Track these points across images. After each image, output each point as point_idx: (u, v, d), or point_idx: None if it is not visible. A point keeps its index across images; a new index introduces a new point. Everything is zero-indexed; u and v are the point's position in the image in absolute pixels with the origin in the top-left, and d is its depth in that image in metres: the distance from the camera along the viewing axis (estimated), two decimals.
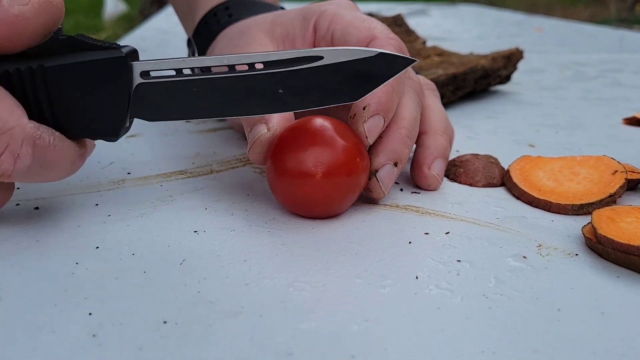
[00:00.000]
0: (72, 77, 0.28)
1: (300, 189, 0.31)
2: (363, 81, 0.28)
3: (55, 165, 0.28)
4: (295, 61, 0.28)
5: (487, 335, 0.23)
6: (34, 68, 0.27)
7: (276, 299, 0.25)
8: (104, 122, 0.29)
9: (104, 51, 0.28)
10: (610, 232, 0.28)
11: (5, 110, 0.26)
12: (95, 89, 0.28)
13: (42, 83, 0.27)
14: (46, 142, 0.27)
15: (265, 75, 0.28)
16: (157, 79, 0.28)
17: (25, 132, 0.26)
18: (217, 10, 0.43)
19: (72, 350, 0.21)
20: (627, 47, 0.99)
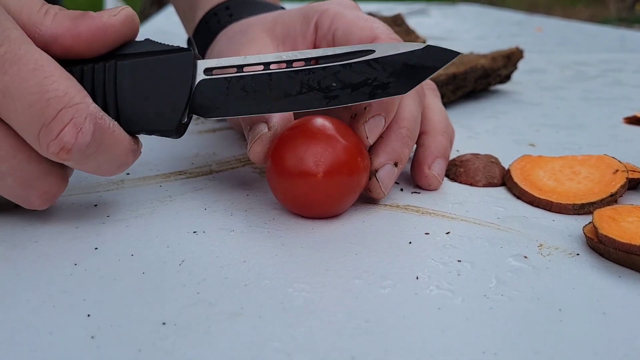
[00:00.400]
0: (141, 72, 0.29)
1: (301, 188, 0.31)
2: (412, 73, 0.29)
3: (110, 151, 0.28)
4: (349, 55, 0.29)
5: (488, 336, 0.23)
6: (107, 65, 0.29)
7: (276, 300, 0.25)
8: (163, 117, 0.30)
9: (172, 50, 0.30)
10: (612, 231, 0.28)
11: (72, 88, 0.27)
12: (160, 83, 0.29)
13: (112, 77, 0.29)
14: (107, 124, 0.28)
15: (320, 70, 0.30)
16: (219, 75, 0.30)
17: (89, 109, 0.27)
18: (218, 10, 0.43)
19: (70, 351, 0.21)
20: (628, 47, 0.99)
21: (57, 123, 0.26)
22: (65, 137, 0.26)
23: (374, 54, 0.29)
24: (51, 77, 0.26)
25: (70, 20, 0.28)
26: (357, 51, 0.30)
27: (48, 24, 0.28)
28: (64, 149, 0.26)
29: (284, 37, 0.37)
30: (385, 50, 0.29)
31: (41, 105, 0.26)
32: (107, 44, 0.29)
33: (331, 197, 0.31)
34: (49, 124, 0.26)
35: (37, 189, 0.28)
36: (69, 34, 0.28)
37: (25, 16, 0.28)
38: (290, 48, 0.37)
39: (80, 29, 0.28)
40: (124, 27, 0.29)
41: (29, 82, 0.26)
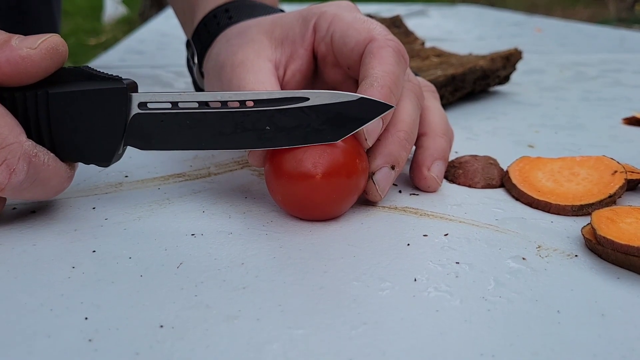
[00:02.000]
0: (74, 104, 0.29)
1: (300, 190, 0.31)
2: (345, 122, 0.30)
3: (46, 184, 0.29)
4: (283, 101, 0.30)
5: (487, 338, 0.23)
6: (39, 93, 0.29)
7: (274, 302, 0.24)
8: (98, 148, 0.30)
9: (106, 82, 0.29)
10: (610, 233, 0.28)
11: (5, 127, 0.27)
12: (95, 116, 0.30)
13: (44, 107, 0.29)
14: (41, 160, 0.28)
15: (254, 113, 0.30)
16: (153, 110, 0.30)
17: (23, 149, 0.28)
18: (217, 12, 0.43)
19: (67, 355, 0.21)
20: (627, 47, 0.99)
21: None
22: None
23: (308, 101, 0.30)
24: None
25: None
26: (292, 97, 0.30)
27: None
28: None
29: (282, 39, 0.37)
30: (320, 99, 0.30)
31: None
32: (28, 77, 0.28)
33: (330, 199, 0.31)
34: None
35: None
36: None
37: None
38: (289, 50, 0.37)
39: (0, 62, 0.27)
40: (45, 60, 0.28)
41: None
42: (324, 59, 0.37)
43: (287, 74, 0.37)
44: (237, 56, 0.36)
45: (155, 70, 0.74)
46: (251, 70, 0.35)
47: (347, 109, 0.30)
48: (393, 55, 0.33)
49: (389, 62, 0.33)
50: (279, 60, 0.37)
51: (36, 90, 0.29)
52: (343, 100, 0.30)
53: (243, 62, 0.35)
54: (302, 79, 0.37)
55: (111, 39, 3.75)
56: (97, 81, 0.29)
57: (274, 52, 0.37)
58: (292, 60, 0.37)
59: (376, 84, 0.32)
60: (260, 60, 0.35)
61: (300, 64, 0.37)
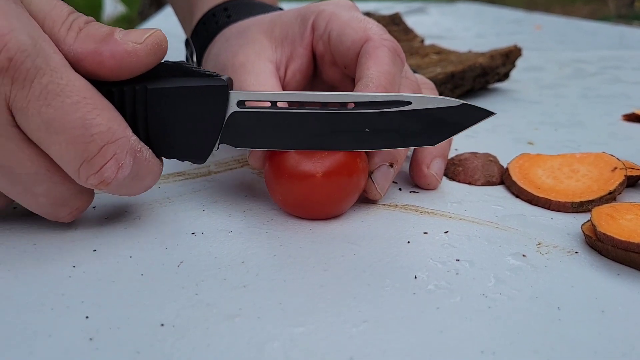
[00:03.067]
0: (174, 100, 0.29)
1: (300, 189, 0.31)
2: (444, 128, 0.30)
3: (143, 180, 0.29)
4: (385, 104, 0.29)
5: (487, 335, 0.23)
6: (137, 89, 0.28)
7: (274, 300, 0.25)
8: (194, 145, 0.30)
9: (207, 78, 0.29)
10: (610, 229, 0.28)
11: (114, 121, 0.27)
12: (193, 113, 0.29)
13: (142, 103, 0.28)
14: (144, 156, 0.28)
15: (354, 115, 0.30)
16: (251, 109, 0.30)
17: (130, 143, 0.27)
18: (216, 11, 0.43)
19: (68, 354, 0.21)
20: (627, 44, 0.99)
21: (99, 159, 0.26)
22: (106, 173, 0.27)
23: (410, 105, 0.30)
24: (94, 110, 0.26)
25: (94, 42, 0.27)
26: (394, 101, 0.30)
27: (70, 42, 0.27)
28: (103, 182, 0.27)
29: (282, 38, 0.37)
30: (423, 103, 0.30)
31: (84, 141, 0.26)
32: (131, 72, 0.28)
33: (330, 198, 0.31)
34: (91, 159, 0.26)
35: (68, 206, 0.29)
36: (91, 59, 0.27)
37: (48, 27, 0.27)
38: (289, 49, 0.37)
39: (104, 56, 0.27)
40: (149, 56, 0.27)
41: (72, 116, 0.25)
42: (322, 57, 0.37)
43: (287, 74, 0.37)
44: (238, 58, 0.36)
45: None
46: (252, 71, 0.34)
47: (449, 114, 0.30)
48: (389, 55, 0.33)
49: (385, 62, 0.33)
50: (279, 60, 0.36)
51: (134, 85, 0.28)
52: (446, 106, 0.30)
53: (244, 64, 0.35)
54: (302, 78, 0.37)
55: None
56: (197, 78, 0.29)
57: (274, 52, 0.37)
58: (292, 60, 0.37)
59: (371, 85, 0.32)
60: (261, 62, 0.35)
61: (300, 63, 0.37)
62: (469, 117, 0.30)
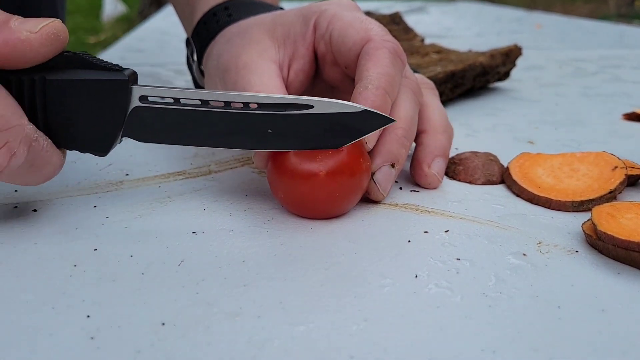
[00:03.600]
0: (73, 93, 0.29)
1: (303, 188, 0.31)
2: (346, 132, 0.30)
3: (40, 170, 0.29)
4: (287, 106, 0.30)
5: (487, 334, 0.23)
6: (36, 79, 0.28)
7: (275, 299, 0.25)
8: (96, 138, 0.30)
9: (108, 72, 0.29)
10: (611, 228, 0.28)
11: (7, 108, 0.26)
12: (94, 106, 0.29)
13: (41, 93, 0.28)
14: (41, 145, 0.28)
15: (257, 115, 0.30)
16: (154, 104, 0.30)
17: (25, 132, 0.27)
18: (217, 10, 0.43)
19: (70, 353, 0.21)
20: (627, 43, 0.99)
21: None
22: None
23: (312, 109, 0.30)
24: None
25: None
26: (296, 104, 0.30)
27: None
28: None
29: (284, 38, 0.37)
30: (324, 107, 0.30)
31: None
32: (25, 61, 0.27)
33: (334, 197, 0.31)
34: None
35: None
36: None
37: None
38: (291, 49, 0.37)
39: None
40: (44, 46, 0.27)
41: None
42: (323, 57, 0.37)
43: (290, 74, 0.37)
44: (241, 58, 0.36)
45: (155, 68, 0.74)
46: (256, 72, 0.34)
47: (350, 119, 0.30)
48: (389, 56, 0.33)
49: (384, 64, 0.33)
50: (282, 60, 0.36)
51: (33, 76, 0.28)
52: (347, 111, 0.30)
53: (247, 65, 0.35)
54: (305, 78, 0.37)
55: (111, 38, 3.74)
56: (98, 71, 0.29)
57: (277, 52, 0.37)
58: (294, 60, 0.37)
59: (371, 86, 0.32)
60: (264, 62, 0.35)
61: (303, 63, 0.37)
62: (371, 122, 0.30)
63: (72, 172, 0.38)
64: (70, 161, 0.39)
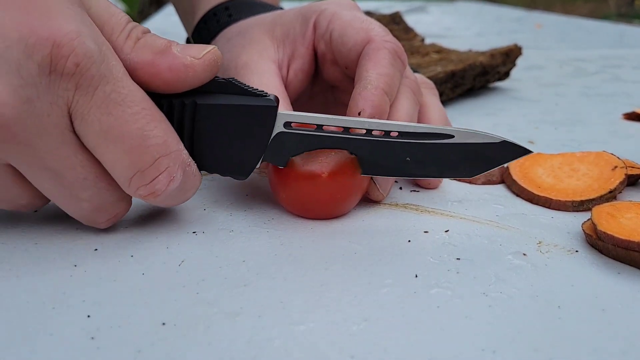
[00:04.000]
0: (221, 117, 0.29)
1: (305, 189, 0.31)
2: (482, 162, 0.31)
3: (186, 193, 0.29)
4: (428, 135, 0.30)
5: (487, 333, 0.23)
6: (186, 103, 0.28)
7: (275, 299, 0.25)
8: (238, 162, 0.30)
9: (257, 98, 0.29)
10: (611, 228, 0.28)
11: (170, 134, 0.27)
12: (240, 130, 0.29)
13: (190, 117, 0.28)
14: (192, 170, 0.28)
15: (398, 144, 0.30)
16: (298, 130, 0.30)
17: (182, 157, 0.27)
18: (217, 10, 0.43)
19: (70, 353, 0.21)
20: (627, 43, 0.99)
21: (152, 171, 0.26)
22: (158, 185, 0.27)
23: (453, 139, 0.30)
24: (152, 122, 0.26)
25: (152, 53, 0.27)
26: (437, 133, 0.30)
27: (128, 51, 0.26)
28: (153, 194, 0.27)
29: (283, 38, 0.37)
30: (465, 137, 0.30)
31: (140, 152, 0.26)
32: (186, 86, 0.28)
33: (335, 198, 0.31)
34: (144, 170, 0.26)
35: (108, 213, 0.28)
36: (148, 69, 0.27)
37: (106, 33, 0.26)
38: (290, 49, 0.37)
39: (161, 68, 0.27)
40: (206, 71, 0.27)
41: (131, 126, 0.25)
42: (323, 57, 0.37)
43: (289, 73, 0.37)
44: (241, 58, 0.36)
45: None
46: (255, 72, 0.35)
47: (488, 149, 0.30)
48: (389, 57, 0.33)
49: (384, 65, 0.33)
50: (281, 60, 0.37)
51: (184, 99, 0.28)
52: (486, 142, 0.30)
53: (247, 64, 0.35)
54: (304, 77, 0.37)
55: None
56: (246, 96, 0.29)
57: (276, 52, 0.37)
58: (293, 60, 0.37)
59: (370, 87, 0.32)
60: (263, 62, 0.35)
61: (302, 62, 0.37)
62: (508, 153, 0.31)
63: None
64: None
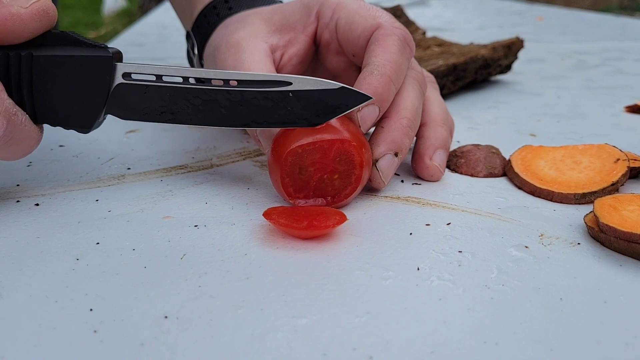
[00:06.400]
0: (58, 68, 0.29)
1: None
2: (324, 110, 0.30)
3: (17, 145, 0.29)
4: (267, 83, 0.30)
5: (490, 326, 0.23)
6: (22, 55, 0.29)
7: (277, 292, 0.25)
8: (79, 114, 0.30)
9: (92, 49, 0.30)
10: (613, 220, 0.28)
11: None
12: (77, 82, 0.30)
13: (27, 69, 0.29)
14: (19, 120, 0.28)
15: (237, 92, 0.30)
16: (136, 81, 0.30)
17: (4, 106, 0.27)
18: (216, 3, 0.43)
19: (73, 346, 0.21)
20: (629, 35, 0.99)
21: None
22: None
23: (291, 86, 0.30)
24: None
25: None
26: (275, 80, 0.30)
27: None
28: None
29: (281, 25, 0.37)
30: (302, 84, 0.30)
31: None
32: (14, 36, 0.28)
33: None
34: None
35: None
36: None
37: None
38: (288, 36, 0.37)
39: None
40: (34, 21, 0.28)
41: None
42: (327, 46, 0.37)
43: (283, 57, 0.37)
44: (233, 37, 0.36)
45: (155, 62, 0.74)
46: (246, 50, 0.35)
47: (328, 96, 0.30)
48: (398, 43, 0.33)
49: (392, 51, 0.33)
50: (275, 44, 0.37)
51: (20, 51, 0.29)
52: (325, 88, 0.30)
53: (238, 42, 0.35)
54: (298, 62, 0.37)
55: (111, 32, 3.73)
56: (83, 47, 0.29)
57: (271, 36, 0.37)
58: (290, 45, 0.37)
59: (376, 72, 0.32)
60: (255, 41, 0.35)
61: (299, 48, 0.37)
62: (349, 100, 0.30)
63: (74, 166, 0.38)
64: (72, 155, 0.39)
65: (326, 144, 0.30)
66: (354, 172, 0.31)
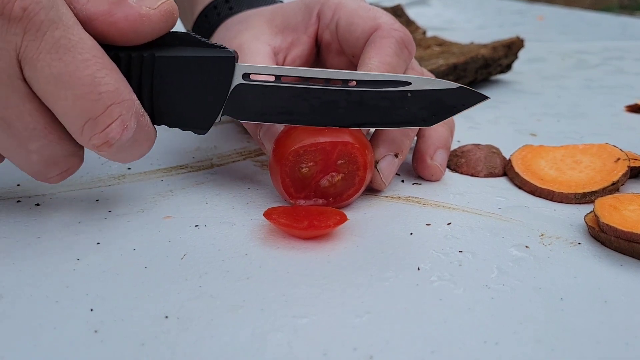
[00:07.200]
0: (179, 69, 0.29)
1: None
2: (441, 109, 0.31)
3: (140, 146, 0.29)
4: (386, 83, 0.30)
5: (490, 326, 0.23)
6: (145, 56, 0.28)
7: (277, 292, 0.25)
8: (198, 115, 0.30)
9: (213, 49, 0.29)
10: (613, 220, 0.28)
11: (122, 82, 0.27)
12: (198, 83, 0.29)
13: (149, 70, 0.28)
14: (145, 121, 0.28)
15: (356, 92, 0.30)
16: (256, 82, 0.30)
17: (135, 106, 0.27)
18: (217, 3, 0.43)
19: (73, 346, 0.21)
20: (630, 35, 0.99)
21: (105, 118, 0.26)
22: (111, 133, 0.26)
23: (410, 86, 0.30)
24: (103, 69, 0.26)
25: (108, 3, 0.26)
26: (395, 80, 0.30)
27: (84, 1, 0.26)
28: (106, 143, 0.27)
29: (283, 27, 0.37)
30: (422, 84, 0.30)
31: (92, 98, 0.25)
32: (141, 37, 0.27)
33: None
34: (96, 117, 0.26)
35: (59, 167, 0.28)
36: (103, 19, 0.26)
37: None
38: (290, 37, 0.37)
39: (116, 17, 0.26)
40: (162, 21, 0.28)
41: (82, 72, 0.25)
42: (327, 46, 0.37)
43: (287, 59, 0.37)
44: (235, 40, 0.36)
45: None
46: (249, 52, 0.35)
47: (446, 96, 0.30)
48: (394, 45, 0.33)
49: (387, 53, 0.33)
50: (278, 46, 0.37)
51: (142, 52, 0.28)
52: (443, 88, 0.30)
53: (241, 45, 0.35)
54: (300, 64, 0.37)
55: None
56: (204, 48, 0.29)
57: (274, 38, 0.37)
58: (293, 47, 0.37)
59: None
60: (258, 44, 0.35)
61: (302, 49, 0.37)
62: (465, 100, 0.31)
63: None
64: None
65: (329, 145, 0.30)
66: (358, 174, 0.31)
